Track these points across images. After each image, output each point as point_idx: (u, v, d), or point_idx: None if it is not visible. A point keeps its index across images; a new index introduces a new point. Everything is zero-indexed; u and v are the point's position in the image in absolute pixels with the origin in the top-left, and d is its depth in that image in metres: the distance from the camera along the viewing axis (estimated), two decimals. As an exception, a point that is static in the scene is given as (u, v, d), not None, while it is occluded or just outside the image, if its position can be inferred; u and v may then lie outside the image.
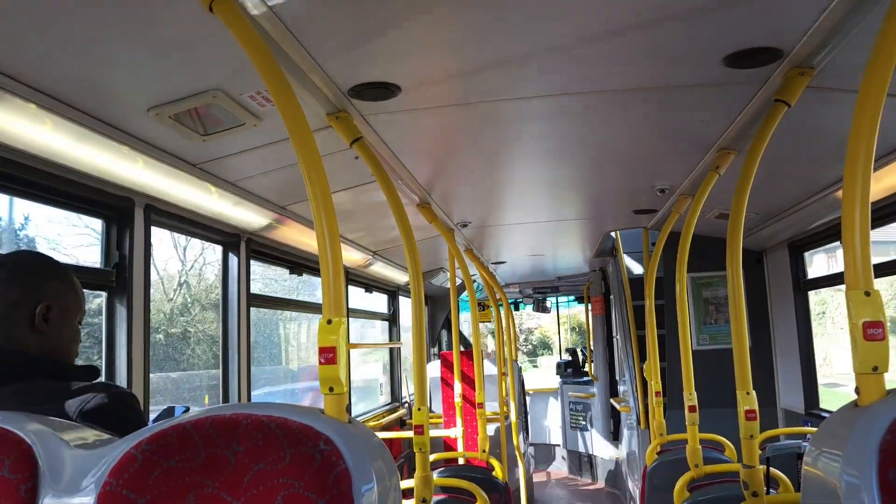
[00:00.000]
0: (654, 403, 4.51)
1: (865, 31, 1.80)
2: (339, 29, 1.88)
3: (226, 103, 2.23)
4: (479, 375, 4.90)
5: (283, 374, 8.26)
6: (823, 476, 1.39)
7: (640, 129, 2.97)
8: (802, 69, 2.16)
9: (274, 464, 1.26)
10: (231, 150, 2.69)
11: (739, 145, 2.95)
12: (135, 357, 2.73)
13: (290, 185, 3.28)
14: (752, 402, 2.44)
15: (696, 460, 3.39)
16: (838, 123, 2.68)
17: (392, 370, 7.36)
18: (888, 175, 3.05)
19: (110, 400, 1.61)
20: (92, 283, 2.68)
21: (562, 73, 2.29)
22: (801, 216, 4.20)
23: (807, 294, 5.07)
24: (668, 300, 5.50)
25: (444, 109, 2.57)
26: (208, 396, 6.80)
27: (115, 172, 2.50)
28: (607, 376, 8.66)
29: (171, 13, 1.70)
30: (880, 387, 1.40)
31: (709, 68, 2.22)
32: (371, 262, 5.50)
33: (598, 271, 8.57)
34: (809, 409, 4.95)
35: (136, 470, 1.28)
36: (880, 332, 1.42)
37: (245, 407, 1.34)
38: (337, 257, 1.53)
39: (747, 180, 2.37)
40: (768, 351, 5.49)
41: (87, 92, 2.06)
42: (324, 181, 1.56)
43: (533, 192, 4.20)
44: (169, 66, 1.99)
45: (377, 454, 1.35)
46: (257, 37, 1.59)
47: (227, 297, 3.65)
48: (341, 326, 1.48)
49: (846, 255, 1.48)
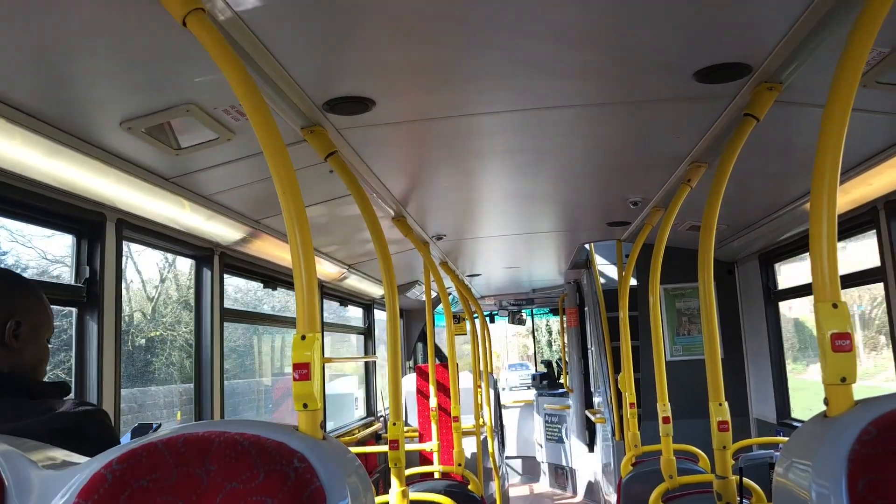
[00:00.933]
0: (629, 415, 4.53)
1: (831, 47, 1.84)
2: (313, 43, 1.88)
3: (199, 117, 2.22)
4: (454, 388, 4.89)
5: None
6: (794, 486, 1.40)
7: (612, 143, 3.00)
8: (771, 84, 2.20)
9: (247, 482, 1.24)
10: (205, 164, 2.67)
11: (710, 159, 2.99)
12: (106, 373, 2.68)
13: (264, 199, 3.26)
14: (725, 413, 2.47)
15: (671, 471, 3.41)
16: (806, 137, 2.74)
17: (368, 384, 7.31)
18: (855, 188, 3.11)
19: (80, 418, 1.58)
20: (62, 300, 2.64)
21: (535, 87, 2.31)
22: (771, 228, 4.27)
23: (777, 305, 5.14)
24: (641, 311, 5.55)
25: (419, 123, 2.58)
26: (181, 413, 6.70)
27: (87, 187, 2.47)
28: (582, 388, 8.69)
29: (143, 27, 1.68)
30: (848, 397, 1.42)
31: (680, 83, 2.25)
32: (346, 276, 5.48)
33: (572, 283, 8.62)
34: (781, 419, 5.00)
35: (105, 490, 1.26)
36: (847, 344, 1.44)
37: (218, 424, 1.32)
38: (311, 272, 1.52)
39: (718, 193, 2.41)
40: (740, 361, 5.55)
41: (58, 105, 2.03)
42: (297, 195, 1.55)
43: (507, 204, 4.22)
44: (142, 79, 1.98)
45: (352, 470, 1.34)
46: (231, 51, 1.58)
47: (201, 311, 3.61)
48: (315, 342, 1.47)
49: (814, 267, 1.51)
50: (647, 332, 5.11)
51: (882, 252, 3.32)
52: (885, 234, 3.27)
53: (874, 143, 2.79)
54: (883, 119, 2.54)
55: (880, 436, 1.27)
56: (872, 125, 2.59)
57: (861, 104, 2.13)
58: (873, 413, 1.31)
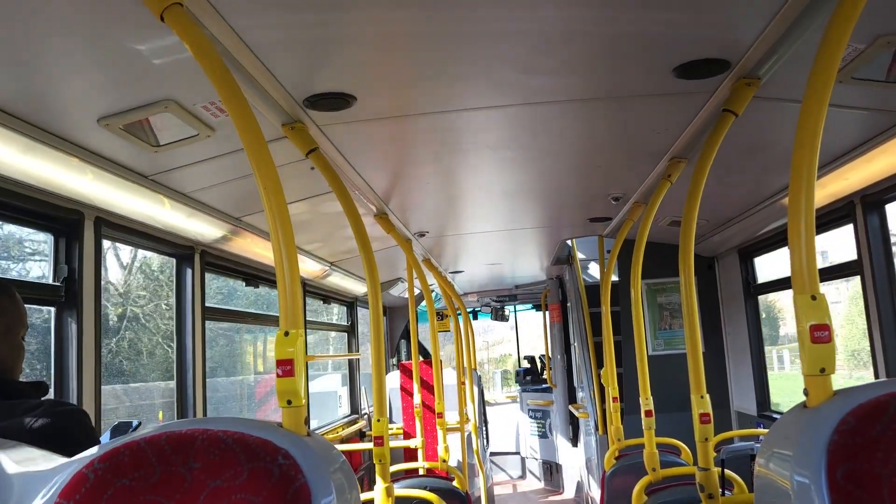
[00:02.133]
0: (612, 409, 4.56)
1: (809, 43, 1.86)
2: (294, 39, 1.87)
3: (178, 114, 2.20)
4: (438, 385, 4.89)
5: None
6: (775, 476, 1.42)
7: (593, 139, 3.01)
8: (749, 80, 2.22)
9: (231, 479, 1.24)
10: (184, 162, 2.65)
11: (690, 154, 3.02)
12: (85, 373, 2.65)
13: (245, 197, 3.24)
14: (706, 406, 2.49)
15: (654, 464, 3.44)
16: (784, 133, 2.77)
17: (351, 382, 7.30)
18: (832, 182, 3.15)
19: (59, 418, 1.57)
20: (39, 299, 2.61)
21: (516, 83, 2.31)
22: (750, 223, 4.31)
23: (756, 298, 5.19)
24: (623, 307, 5.58)
25: (400, 119, 2.58)
26: (162, 412, 6.65)
27: (64, 185, 2.44)
28: (566, 383, 8.73)
29: (121, 22, 1.67)
30: (827, 388, 1.44)
31: (660, 79, 2.27)
32: (328, 274, 5.46)
33: (555, 279, 8.65)
34: (762, 411, 5.06)
35: (87, 490, 1.25)
36: (826, 335, 1.46)
37: (201, 422, 1.31)
38: (294, 269, 1.52)
39: (698, 188, 2.43)
40: (721, 355, 5.60)
41: (33, 102, 2.01)
42: (279, 192, 1.55)
43: (490, 201, 4.22)
44: (119, 76, 1.95)
45: (336, 467, 1.34)
46: (210, 46, 1.57)
47: (182, 310, 3.59)
48: (299, 338, 1.47)
49: (793, 261, 1.53)
50: (629, 326, 5.14)
51: (859, 246, 3.36)
52: (862, 228, 3.31)
53: (850, 139, 2.82)
54: (859, 114, 2.58)
55: (858, 425, 1.29)
56: (849, 120, 2.62)
57: (837, 100, 2.16)
58: (851, 403, 1.33)
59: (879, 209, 3.27)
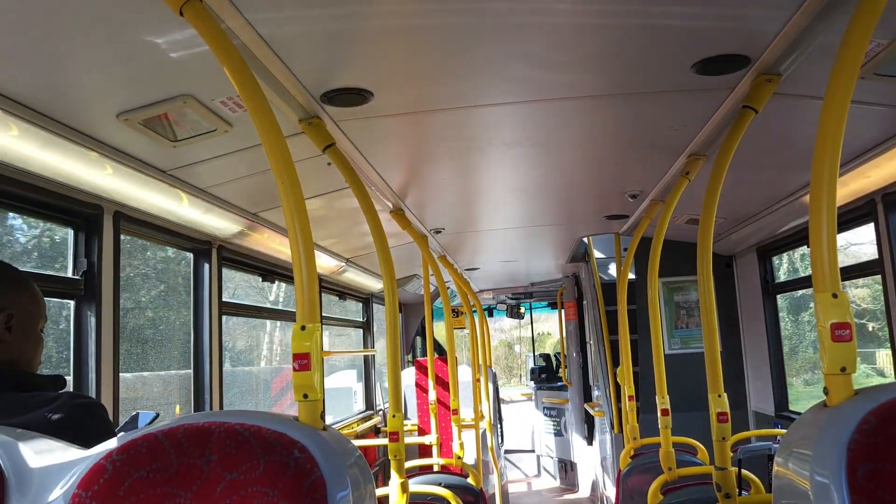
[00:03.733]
0: (628, 408, 4.54)
1: (830, 38, 1.84)
2: (311, 34, 1.87)
3: (197, 109, 2.21)
4: (453, 382, 4.89)
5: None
6: (794, 476, 1.41)
7: (610, 135, 3.00)
8: (769, 76, 2.20)
9: (248, 472, 1.24)
10: (202, 157, 2.67)
11: (709, 151, 2.99)
12: (104, 367, 2.68)
13: (262, 192, 3.26)
14: (724, 405, 2.47)
15: (670, 463, 3.42)
16: (804, 129, 2.73)
17: (366, 378, 7.32)
18: (853, 180, 3.11)
19: (77, 410, 1.58)
20: (59, 292, 2.63)
21: (533, 79, 2.30)
22: (770, 221, 4.27)
23: (775, 298, 5.15)
24: (640, 305, 5.55)
25: (417, 115, 2.57)
26: (179, 406, 6.69)
27: (84, 179, 2.46)
28: (581, 381, 8.70)
29: (140, 18, 1.68)
30: (848, 387, 1.43)
31: (678, 75, 2.25)
32: (344, 269, 5.47)
33: (570, 277, 8.62)
34: (779, 412, 5.02)
35: (105, 481, 1.26)
36: (847, 334, 1.44)
37: (218, 415, 1.32)
38: (311, 264, 1.52)
39: (716, 186, 2.40)
40: (739, 354, 5.56)
41: (54, 97, 2.03)
42: (297, 187, 1.55)
43: (506, 198, 4.21)
44: (139, 71, 1.97)
45: (352, 461, 1.34)
46: (228, 42, 1.57)
47: (199, 304, 3.61)
48: (315, 333, 1.47)
49: (814, 259, 1.51)
50: (646, 325, 5.12)
51: (880, 244, 3.32)
52: (883, 227, 3.27)
53: (872, 136, 2.78)
54: (881, 111, 2.54)
55: (880, 425, 1.28)
56: (871, 117, 2.59)
57: (860, 96, 2.13)
58: (873, 402, 1.31)
59: (901, 207, 3.23)
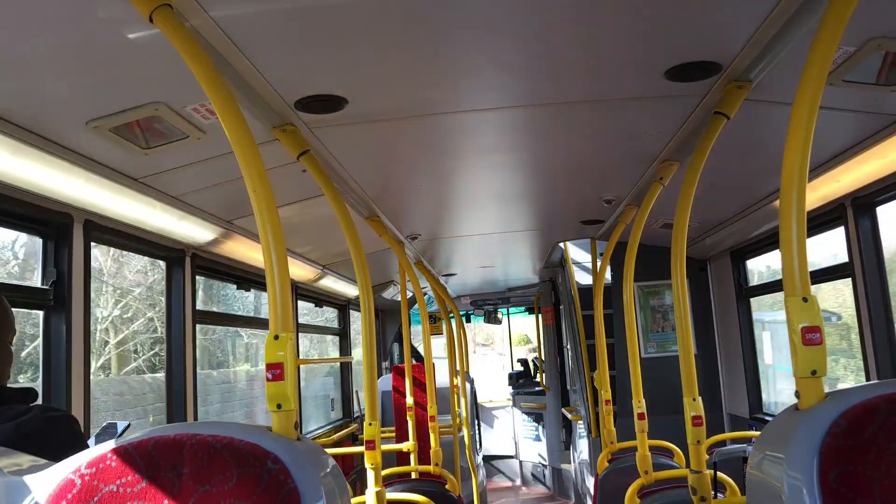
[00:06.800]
0: (605, 412, 4.55)
1: (800, 45, 1.86)
2: (284, 40, 1.86)
3: (168, 116, 2.18)
4: (430, 388, 4.88)
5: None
6: (767, 478, 1.42)
7: (586, 141, 3.01)
8: (740, 83, 2.22)
9: (220, 485, 1.22)
10: (175, 164, 2.63)
11: (682, 157, 3.02)
12: (74, 378, 2.63)
13: (235, 200, 3.23)
14: (699, 408, 2.49)
15: (646, 467, 3.44)
16: (776, 135, 2.77)
17: (343, 385, 7.28)
18: (824, 185, 3.16)
19: (48, 423, 1.56)
20: (27, 302, 2.58)
21: (507, 86, 2.31)
22: (742, 225, 4.31)
23: (749, 301, 5.20)
24: (616, 309, 5.58)
25: (392, 122, 2.57)
26: (153, 416, 6.61)
27: (53, 188, 2.42)
28: (559, 386, 8.73)
29: (109, 24, 1.65)
30: (819, 390, 1.44)
31: (651, 81, 2.27)
32: (321, 276, 5.44)
33: (547, 282, 8.65)
34: (754, 414, 5.07)
35: (74, 496, 1.23)
36: (818, 337, 1.46)
37: (190, 426, 1.30)
38: (284, 272, 1.51)
39: (690, 191, 2.43)
40: (713, 357, 5.61)
41: (21, 104, 1.99)
42: (269, 195, 1.54)
43: (482, 203, 4.22)
44: (108, 78, 1.94)
45: (327, 472, 1.33)
46: (199, 48, 1.56)
47: (172, 313, 3.57)
48: (289, 342, 1.46)
49: (784, 263, 1.53)
50: (622, 329, 5.14)
51: (850, 248, 3.37)
52: (853, 231, 3.32)
53: (841, 141, 2.83)
54: (849, 117, 2.58)
55: (850, 427, 1.29)
56: (839, 123, 2.63)
57: (828, 102, 2.16)
58: (843, 405, 1.33)
59: (870, 211, 3.28)
